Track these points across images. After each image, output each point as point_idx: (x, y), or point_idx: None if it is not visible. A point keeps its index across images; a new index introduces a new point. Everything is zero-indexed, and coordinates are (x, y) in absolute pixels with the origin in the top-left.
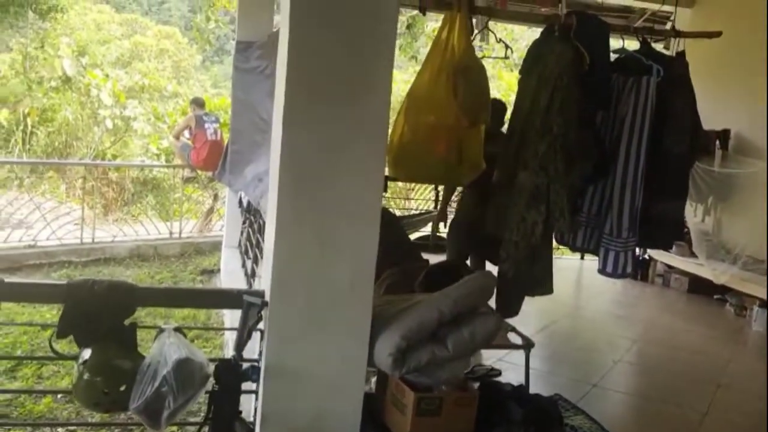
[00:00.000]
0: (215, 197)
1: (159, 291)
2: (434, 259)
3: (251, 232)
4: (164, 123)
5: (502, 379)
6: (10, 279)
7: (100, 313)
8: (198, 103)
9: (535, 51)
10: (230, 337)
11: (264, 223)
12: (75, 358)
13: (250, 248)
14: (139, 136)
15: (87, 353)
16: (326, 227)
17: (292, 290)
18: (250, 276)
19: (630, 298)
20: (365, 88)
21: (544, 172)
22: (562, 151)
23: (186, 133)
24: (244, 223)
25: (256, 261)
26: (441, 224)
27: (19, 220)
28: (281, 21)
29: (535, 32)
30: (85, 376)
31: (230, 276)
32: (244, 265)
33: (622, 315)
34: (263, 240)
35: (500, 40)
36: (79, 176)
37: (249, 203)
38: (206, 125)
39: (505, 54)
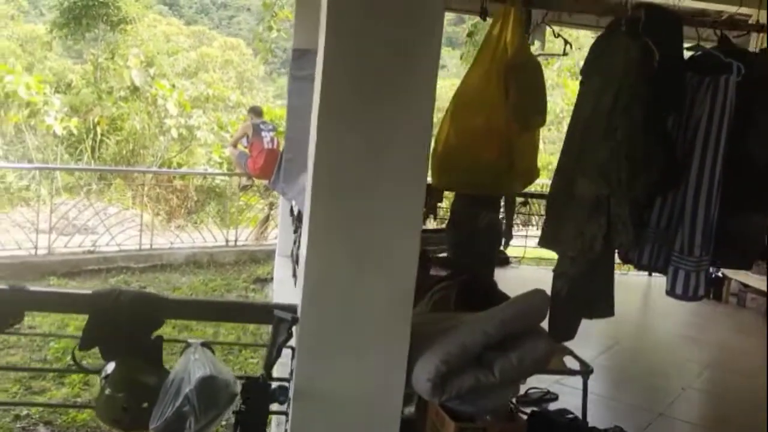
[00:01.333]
0: (271, 205)
1: (186, 303)
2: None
3: (301, 242)
4: (227, 132)
5: (559, 404)
6: (35, 287)
7: (125, 325)
8: (255, 111)
9: (598, 48)
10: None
11: None
12: (98, 371)
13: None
14: (203, 145)
15: (110, 367)
16: (363, 238)
17: (325, 305)
18: (294, 281)
19: (701, 318)
20: (407, 88)
21: (606, 182)
22: (626, 158)
23: (243, 141)
24: (295, 231)
25: None
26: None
27: (83, 225)
28: (320, 20)
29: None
30: (107, 391)
31: (282, 285)
32: (294, 275)
33: (692, 337)
34: None
35: (558, 35)
36: (144, 184)
37: (300, 212)
38: (263, 133)
39: (564, 50)
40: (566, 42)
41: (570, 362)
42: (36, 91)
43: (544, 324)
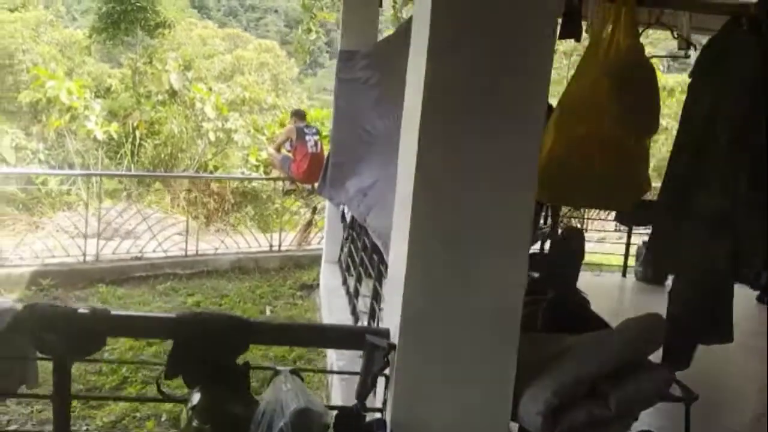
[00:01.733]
0: (314, 210)
1: (274, 328)
2: None
3: (353, 249)
4: (263, 135)
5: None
6: (116, 311)
7: (210, 350)
8: (299, 115)
9: (714, 48)
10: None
11: (369, 241)
12: (184, 400)
13: (353, 265)
14: (239, 147)
15: (196, 397)
16: (467, 258)
17: (424, 331)
18: (353, 295)
19: None
20: (516, 99)
21: (729, 194)
22: (754, 167)
23: (286, 145)
24: (346, 238)
25: (359, 279)
26: None
27: (127, 230)
28: (415, 22)
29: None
30: (194, 423)
31: (330, 293)
32: (345, 283)
33: None
34: (367, 258)
35: (679, 35)
36: (183, 188)
37: (353, 218)
38: (307, 137)
39: (685, 53)
40: (689, 43)
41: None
42: (77, 96)
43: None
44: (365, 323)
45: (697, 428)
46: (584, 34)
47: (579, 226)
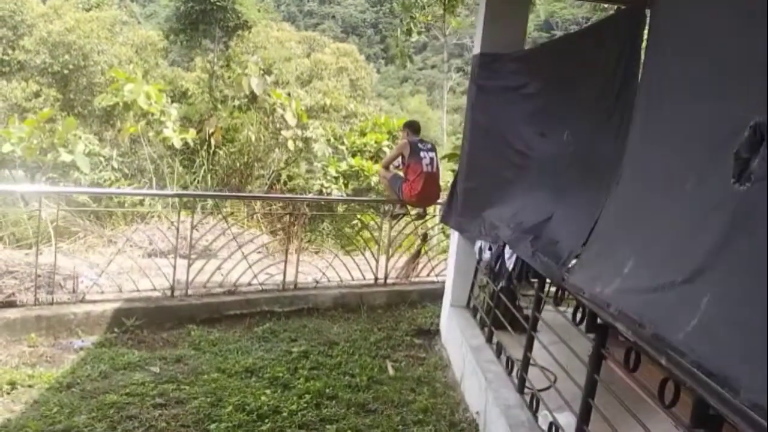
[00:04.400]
0: (424, 238)
1: None
2: None
3: (503, 298)
4: (342, 144)
5: None
6: None
7: None
8: (413, 127)
9: None
10: None
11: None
12: None
13: (503, 320)
14: (319, 159)
15: None
16: None
17: None
18: (523, 367)
19: None
20: None
21: None
22: None
23: (397, 161)
24: (485, 284)
25: (530, 345)
26: None
27: (204, 246)
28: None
29: None
30: None
31: (463, 348)
32: (491, 341)
33: None
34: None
35: None
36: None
37: (499, 258)
38: (422, 153)
39: None
40: None
41: None
42: (155, 101)
43: None
44: (548, 412)
45: None
46: None
47: None
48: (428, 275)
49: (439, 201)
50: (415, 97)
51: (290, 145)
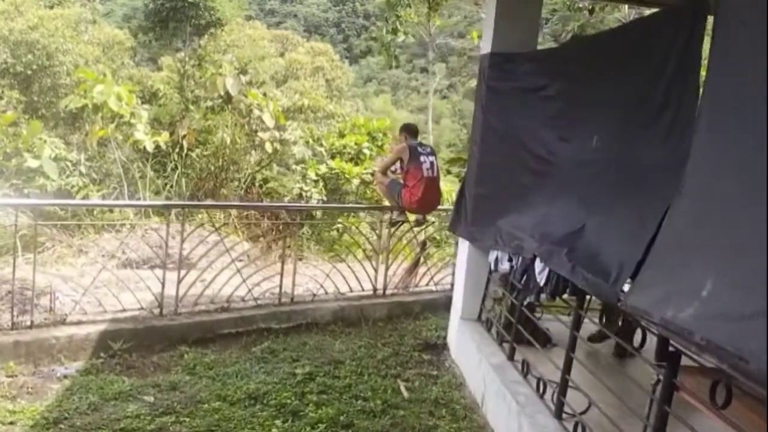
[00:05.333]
0: (423, 245)
1: None
2: None
3: (527, 313)
4: (321, 146)
5: None
6: None
7: None
8: (410, 130)
9: None
10: None
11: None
12: None
13: (528, 336)
14: (298, 161)
15: None
16: None
17: None
18: (561, 390)
19: None
20: None
21: None
22: None
23: (395, 166)
24: (500, 296)
25: (568, 368)
26: None
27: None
28: None
29: None
30: None
31: (478, 364)
32: (512, 358)
33: None
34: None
35: None
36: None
37: (514, 269)
38: (422, 158)
39: None
40: None
41: None
42: (126, 103)
43: None
44: None
45: None
46: None
47: None
48: (428, 284)
49: (440, 207)
50: (380, 97)
51: (268, 147)
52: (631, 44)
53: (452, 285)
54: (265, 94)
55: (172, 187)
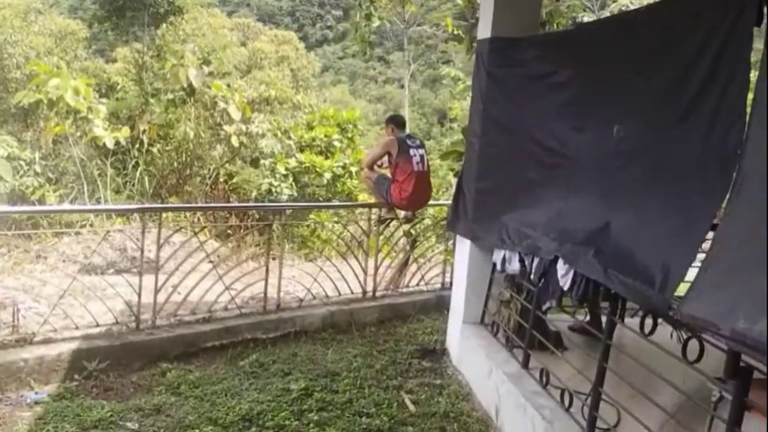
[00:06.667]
0: (413, 243)
1: None
2: None
3: (544, 318)
4: (289, 139)
5: None
6: None
7: None
8: (397, 122)
9: None
10: None
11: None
12: None
13: (546, 341)
14: (266, 155)
15: None
16: None
17: None
18: (592, 402)
19: None
20: None
21: None
22: None
23: (383, 161)
24: (508, 298)
25: (601, 380)
26: None
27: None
28: None
29: None
30: None
31: (489, 373)
32: (526, 366)
33: None
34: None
35: None
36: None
37: (528, 271)
38: (411, 151)
39: None
40: None
41: None
42: (84, 97)
43: None
44: None
45: None
46: None
47: None
48: (418, 284)
49: (430, 202)
50: (337, 87)
51: (234, 141)
52: (662, 27)
53: (443, 284)
54: (229, 86)
55: (133, 185)
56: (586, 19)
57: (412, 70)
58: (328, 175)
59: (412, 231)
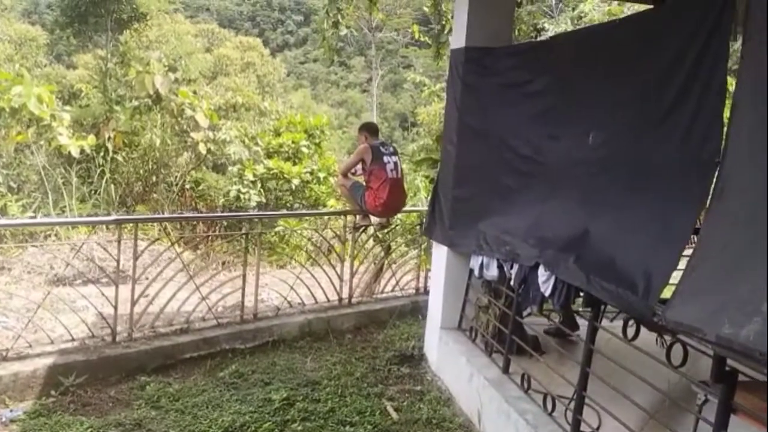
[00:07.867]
0: (387, 250)
1: None
2: None
3: (523, 323)
4: (257, 146)
5: None
6: None
7: None
8: (371, 129)
9: None
10: None
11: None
12: None
13: (525, 346)
14: (234, 162)
15: None
16: None
17: None
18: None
19: None
20: None
21: None
22: None
23: (357, 168)
24: (486, 304)
25: (583, 384)
26: None
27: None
28: None
29: None
30: None
31: (469, 378)
32: (507, 371)
33: None
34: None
35: None
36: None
37: (507, 277)
38: (385, 158)
39: None
40: None
41: None
42: (47, 104)
43: None
44: None
45: None
46: None
47: None
48: (393, 290)
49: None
50: (299, 92)
51: (201, 148)
52: (640, 35)
53: (417, 290)
54: (195, 92)
55: (99, 194)
56: (546, 26)
57: (377, 74)
58: (296, 181)
59: (386, 237)
